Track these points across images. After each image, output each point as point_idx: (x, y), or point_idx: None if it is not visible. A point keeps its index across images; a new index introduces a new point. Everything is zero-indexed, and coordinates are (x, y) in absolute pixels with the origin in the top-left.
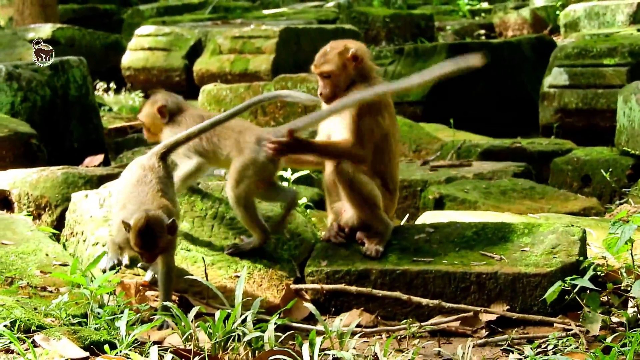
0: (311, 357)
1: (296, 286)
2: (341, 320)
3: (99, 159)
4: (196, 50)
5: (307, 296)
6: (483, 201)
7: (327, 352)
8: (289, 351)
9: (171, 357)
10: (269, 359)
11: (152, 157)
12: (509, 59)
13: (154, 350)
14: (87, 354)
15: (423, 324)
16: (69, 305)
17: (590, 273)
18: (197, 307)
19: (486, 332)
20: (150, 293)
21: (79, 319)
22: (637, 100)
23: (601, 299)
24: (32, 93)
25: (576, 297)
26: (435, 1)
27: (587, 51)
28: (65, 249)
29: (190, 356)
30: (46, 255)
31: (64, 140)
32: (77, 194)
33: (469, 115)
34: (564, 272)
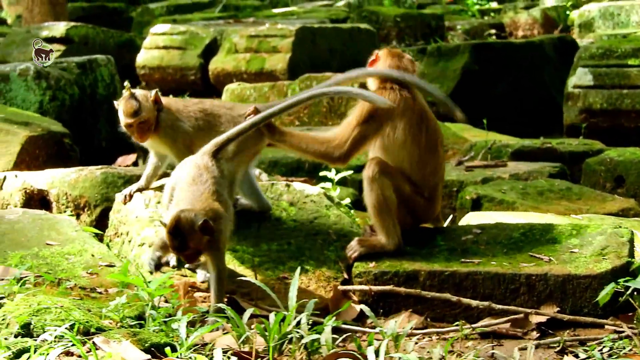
0: None
1: (344, 287)
2: (396, 322)
3: (131, 158)
4: (211, 49)
5: (355, 297)
6: (521, 202)
7: (392, 355)
8: (353, 354)
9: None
10: None
11: (204, 155)
12: (531, 59)
13: (218, 354)
14: (149, 356)
15: (473, 325)
16: (124, 307)
17: None
18: (251, 309)
19: (537, 334)
20: (199, 294)
21: (134, 321)
22: None
23: None
24: (60, 92)
25: (629, 299)
26: (444, 0)
27: (611, 52)
28: (110, 249)
29: (252, 358)
30: (92, 255)
31: (92, 139)
32: (121, 194)
33: (492, 115)
34: (615, 274)
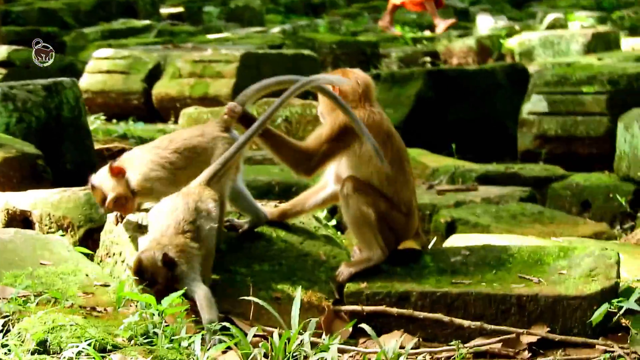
0: None
1: (336, 307)
2: (396, 341)
3: None
4: (155, 74)
5: (346, 317)
6: (495, 225)
7: None
8: None
9: None
10: None
11: (197, 186)
12: (484, 86)
13: None
14: None
15: (467, 345)
16: (137, 324)
17: (637, 295)
18: (254, 328)
19: (529, 355)
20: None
21: (142, 339)
22: None
23: None
24: (27, 114)
25: (618, 320)
26: (379, 28)
27: (566, 79)
28: (102, 269)
29: None
30: (86, 275)
31: (58, 161)
32: (113, 214)
33: (445, 140)
34: (604, 295)
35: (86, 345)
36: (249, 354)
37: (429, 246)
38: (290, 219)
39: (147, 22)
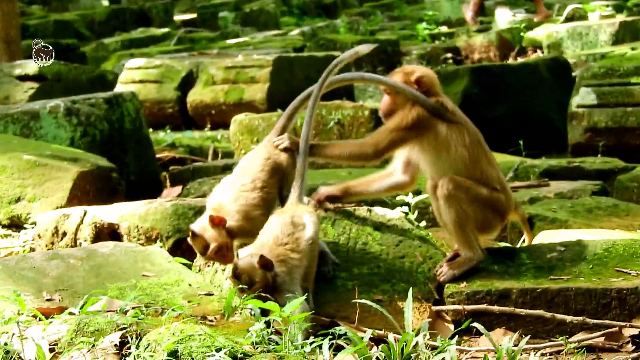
0: None
1: (438, 308)
2: (510, 338)
3: (177, 190)
4: (188, 82)
5: (447, 317)
6: (573, 220)
7: None
8: None
9: None
10: None
11: (291, 205)
12: (528, 80)
13: None
14: None
15: (572, 339)
16: (262, 331)
17: None
18: (370, 331)
19: (632, 347)
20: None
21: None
22: None
23: None
24: (91, 127)
25: None
26: (396, 27)
27: (613, 70)
28: (203, 278)
29: None
30: (189, 285)
31: (121, 173)
32: None
33: (491, 137)
34: None
35: (222, 354)
36: (369, 357)
37: (519, 244)
38: (351, 197)
39: (165, 30)
